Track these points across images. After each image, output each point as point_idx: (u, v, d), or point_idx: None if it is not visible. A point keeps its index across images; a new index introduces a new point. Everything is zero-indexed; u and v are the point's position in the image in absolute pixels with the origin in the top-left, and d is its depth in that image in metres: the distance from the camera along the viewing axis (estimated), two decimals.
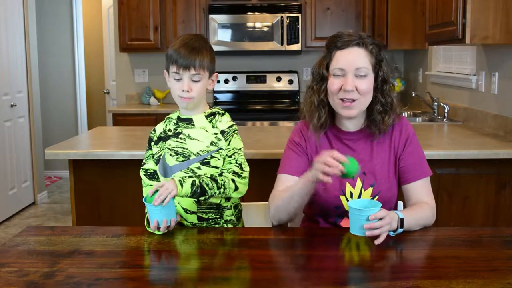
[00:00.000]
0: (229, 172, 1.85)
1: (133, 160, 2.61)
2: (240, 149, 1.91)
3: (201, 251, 1.64)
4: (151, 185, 1.94)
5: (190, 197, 1.77)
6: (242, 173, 1.87)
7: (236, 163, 1.88)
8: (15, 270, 1.45)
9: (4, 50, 4.87)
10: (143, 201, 1.71)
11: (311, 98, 1.86)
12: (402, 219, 1.65)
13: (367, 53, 1.77)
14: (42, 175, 5.60)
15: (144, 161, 1.97)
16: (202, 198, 1.81)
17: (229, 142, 1.89)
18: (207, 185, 1.77)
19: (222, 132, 1.89)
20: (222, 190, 1.80)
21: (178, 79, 1.84)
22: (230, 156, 1.89)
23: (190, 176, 1.80)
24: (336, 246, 1.66)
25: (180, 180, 1.74)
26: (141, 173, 1.96)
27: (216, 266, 1.53)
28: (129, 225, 1.81)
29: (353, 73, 1.76)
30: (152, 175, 1.95)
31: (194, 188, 1.75)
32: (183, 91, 1.84)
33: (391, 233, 1.64)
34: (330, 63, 1.80)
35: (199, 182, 1.76)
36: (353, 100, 1.76)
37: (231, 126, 1.91)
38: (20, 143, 5.17)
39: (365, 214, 1.55)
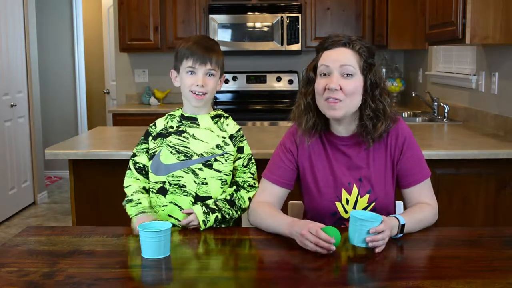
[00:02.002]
0: (245, 186, 1.91)
1: None
2: (251, 154, 1.95)
3: (201, 251, 1.64)
4: (138, 179, 1.93)
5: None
6: (255, 183, 1.92)
7: (250, 172, 1.93)
8: (15, 270, 1.45)
9: (4, 50, 4.87)
10: (138, 227, 1.56)
11: (299, 102, 1.84)
12: (403, 225, 1.65)
13: (354, 53, 1.73)
14: (42, 175, 5.60)
15: (135, 152, 1.94)
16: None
17: (238, 148, 1.90)
18: (228, 214, 1.85)
19: (231, 136, 1.89)
20: (239, 210, 1.88)
21: (191, 73, 1.84)
22: (246, 166, 1.92)
23: (207, 207, 1.82)
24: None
25: (204, 221, 1.78)
26: (131, 163, 1.94)
27: (216, 266, 1.53)
28: (129, 225, 1.81)
29: (338, 71, 1.72)
30: (141, 170, 1.93)
31: (217, 222, 1.82)
32: (197, 85, 1.83)
33: (393, 236, 1.64)
34: (317, 64, 1.78)
35: (221, 215, 1.82)
36: (338, 101, 1.71)
37: (239, 130, 1.92)
38: (20, 143, 5.17)
39: (367, 225, 1.54)
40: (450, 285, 1.33)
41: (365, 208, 1.79)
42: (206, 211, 1.80)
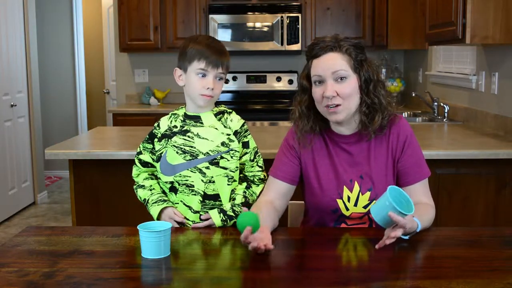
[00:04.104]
0: (255, 180, 1.95)
1: (133, 160, 2.61)
2: (257, 147, 1.98)
3: (201, 251, 1.65)
4: (145, 171, 1.96)
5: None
6: (264, 175, 1.96)
7: (258, 165, 1.96)
8: (15, 270, 1.45)
9: (4, 50, 4.87)
10: (138, 227, 1.56)
11: (294, 110, 1.86)
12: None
13: (343, 55, 1.73)
14: (42, 175, 5.60)
15: (141, 149, 1.97)
16: None
17: (243, 143, 1.93)
18: None
19: (236, 133, 1.91)
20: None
21: (202, 76, 1.84)
22: (253, 160, 1.95)
23: (224, 214, 1.87)
24: (335, 246, 1.66)
25: (223, 225, 1.84)
26: (136, 160, 1.98)
27: (216, 266, 1.53)
28: (129, 225, 1.81)
29: (331, 78, 1.73)
30: (146, 165, 1.97)
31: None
32: (207, 88, 1.84)
33: (403, 237, 1.63)
34: (310, 73, 1.79)
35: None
36: (338, 105, 1.73)
37: (243, 125, 1.94)
38: (20, 143, 5.17)
39: (396, 212, 1.53)
40: (450, 285, 1.33)
41: (365, 206, 1.79)
42: (224, 218, 1.85)
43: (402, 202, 1.58)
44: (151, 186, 1.95)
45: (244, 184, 1.94)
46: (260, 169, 1.96)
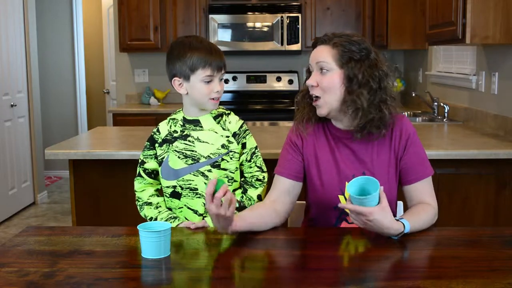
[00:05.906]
0: (253, 181, 1.92)
1: (133, 160, 2.61)
2: (256, 147, 1.95)
3: (202, 251, 1.64)
4: (151, 184, 1.95)
5: None
6: (264, 177, 1.94)
7: (256, 166, 1.94)
8: (15, 270, 1.45)
9: (4, 50, 4.87)
10: (138, 227, 1.55)
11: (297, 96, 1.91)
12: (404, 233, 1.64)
13: (331, 49, 1.74)
14: (42, 175, 5.60)
15: (143, 159, 1.95)
16: None
17: (242, 144, 1.91)
18: None
19: (234, 134, 1.91)
20: None
21: (209, 81, 1.84)
22: (249, 160, 1.93)
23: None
24: (336, 246, 1.66)
25: None
26: (140, 170, 1.95)
27: (217, 266, 1.53)
28: (129, 225, 1.81)
29: (316, 68, 1.77)
30: (150, 174, 1.95)
31: None
32: (216, 91, 1.84)
33: (392, 237, 1.64)
34: None
35: None
36: (317, 98, 1.76)
37: (241, 126, 1.93)
38: (20, 143, 5.17)
39: (361, 201, 1.56)
40: (450, 285, 1.33)
41: None
42: None
43: (366, 189, 1.60)
44: (158, 203, 1.93)
45: (241, 189, 1.94)
46: (259, 170, 1.94)
